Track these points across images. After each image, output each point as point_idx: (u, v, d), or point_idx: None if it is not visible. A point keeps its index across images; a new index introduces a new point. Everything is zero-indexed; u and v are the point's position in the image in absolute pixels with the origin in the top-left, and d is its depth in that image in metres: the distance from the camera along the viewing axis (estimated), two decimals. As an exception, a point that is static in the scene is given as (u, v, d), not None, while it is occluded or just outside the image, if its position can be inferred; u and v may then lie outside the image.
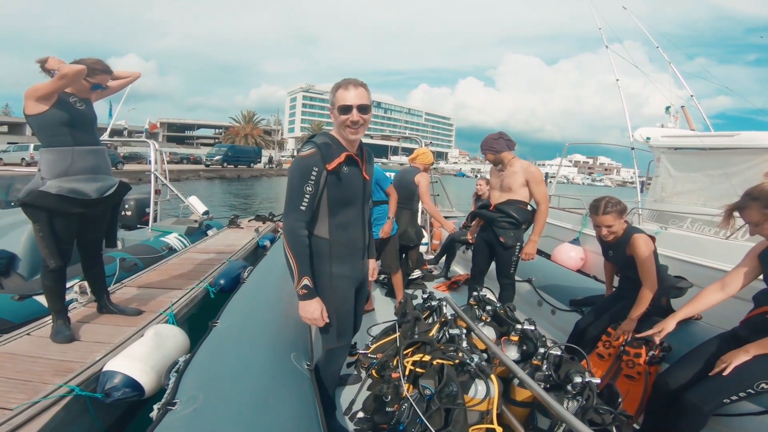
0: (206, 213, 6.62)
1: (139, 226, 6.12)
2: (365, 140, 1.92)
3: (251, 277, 3.16)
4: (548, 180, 8.62)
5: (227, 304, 2.56)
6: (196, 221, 6.22)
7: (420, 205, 4.23)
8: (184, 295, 3.04)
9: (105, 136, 7.75)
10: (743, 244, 3.47)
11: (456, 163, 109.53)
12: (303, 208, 1.65)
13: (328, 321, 1.78)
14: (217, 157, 35.39)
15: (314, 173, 1.64)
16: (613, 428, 1.56)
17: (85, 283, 2.80)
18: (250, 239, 5.34)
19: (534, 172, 3.09)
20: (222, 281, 3.39)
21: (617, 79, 6.99)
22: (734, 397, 1.74)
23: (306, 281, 1.67)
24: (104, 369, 1.96)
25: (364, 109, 1.67)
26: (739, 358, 1.77)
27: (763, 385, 1.70)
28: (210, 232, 6.06)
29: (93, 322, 2.60)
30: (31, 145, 22.68)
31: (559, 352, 1.95)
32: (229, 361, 1.81)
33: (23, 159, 22.30)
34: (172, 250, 4.74)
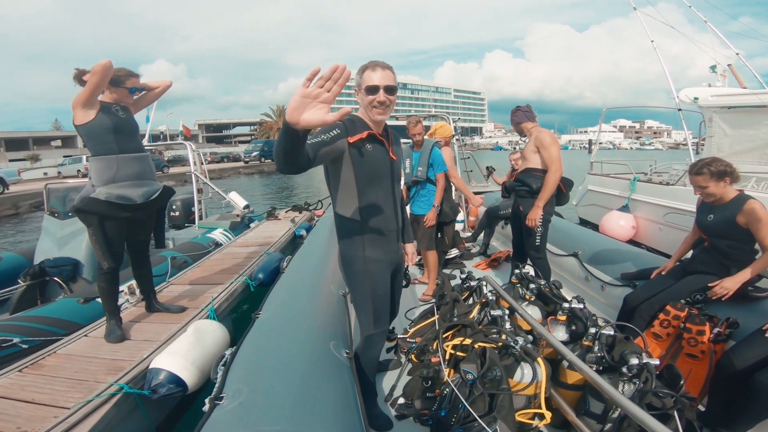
0: (247, 207, 6.79)
1: (186, 224, 6.39)
2: (391, 122, 1.87)
3: (289, 267, 3.19)
4: (592, 147, 8.21)
5: (268, 294, 2.60)
6: (238, 216, 6.42)
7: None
8: (224, 290, 3.12)
9: (144, 142, 8.10)
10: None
11: (492, 136, 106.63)
12: (308, 141, 1.48)
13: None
14: (255, 153, 36.17)
15: (334, 132, 1.60)
16: (675, 412, 1.42)
17: (134, 284, 2.94)
18: (287, 230, 5.44)
19: (542, 137, 3.05)
20: (261, 275, 3.46)
21: (652, 41, 6.81)
22: None
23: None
24: (150, 366, 2.04)
25: (390, 90, 1.68)
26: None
27: None
28: (252, 225, 6.26)
29: (142, 321, 2.72)
30: (84, 157, 24.18)
31: (611, 332, 1.82)
32: (271, 353, 1.83)
33: (79, 171, 23.81)
34: (218, 245, 4.92)
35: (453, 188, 4.09)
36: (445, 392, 1.79)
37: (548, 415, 1.66)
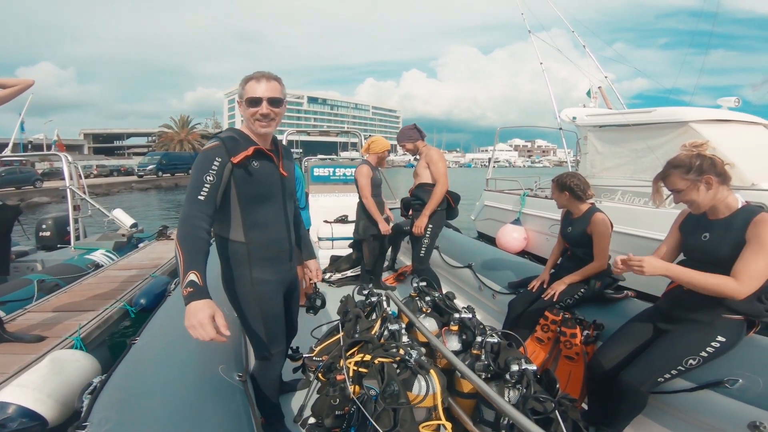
0: (134, 226, 6.14)
1: (60, 245, 5.62)
2: (302, 138, 1.82)
3: (177, 290, 2.92)
4: (491, 165, 8.90)
5: (150, 319, 2.41)
6: (123, 235, 5.78)
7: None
8: (95, 317, 2.79)
9: (7, 152, 6.94)
10: (671, 211, 3.67)
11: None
12: (201, 197, 1.49)
13: (228, 334, 1.37)
14: (151, 167, 32.89)
15: (216, 164, 1.52)
16: (557, 414, 1.51)
17: None
18: (180, 250, 4.99)
19: (431, 154, 3.32)
20: (143, 300, 3.13)
21: (541, 63, 7.59)
22: (667, 375, 1.74)
23: (193, 276, 1.31)
24: None
25: (275, 102, 1.61)
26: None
27: (690, 361, 1.71)
28: (141, 246, 5.67)
29: (-13, 353, 2.32)
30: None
31: (496, 340, 1.91)
32: (147, 379, 1.69)
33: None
34: (98, 267, 4.37)
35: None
36: (353, 409, 1.74)
37: (449, 425, 1.67)
